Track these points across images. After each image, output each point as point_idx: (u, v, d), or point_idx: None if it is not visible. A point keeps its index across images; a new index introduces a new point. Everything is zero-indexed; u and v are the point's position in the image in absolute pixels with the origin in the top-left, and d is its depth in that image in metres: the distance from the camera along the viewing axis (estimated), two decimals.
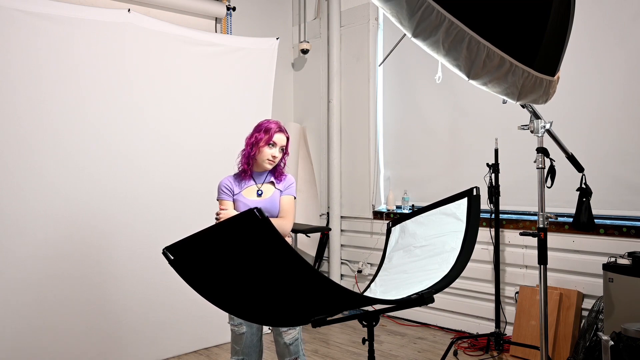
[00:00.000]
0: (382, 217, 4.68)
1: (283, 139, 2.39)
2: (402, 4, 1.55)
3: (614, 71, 3.38)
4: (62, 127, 3.13)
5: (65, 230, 3.16)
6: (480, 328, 3.93)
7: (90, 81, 3.22)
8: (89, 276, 3.26)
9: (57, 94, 3.10)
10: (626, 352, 2.43)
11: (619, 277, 2.94)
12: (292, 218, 2.42)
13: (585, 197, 2.71)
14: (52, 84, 3.08)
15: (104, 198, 3.31)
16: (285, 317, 1.76)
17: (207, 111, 3.78)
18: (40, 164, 3.05)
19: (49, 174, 3.09)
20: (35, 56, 3.01)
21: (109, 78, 3.29)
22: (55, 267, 3.12)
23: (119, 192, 3.36)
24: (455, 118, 4.24)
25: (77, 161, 3.19)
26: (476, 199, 2.15)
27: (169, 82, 3.58)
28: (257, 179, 2.41)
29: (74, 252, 3.20)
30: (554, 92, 2.20)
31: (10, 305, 2.97)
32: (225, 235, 1.40)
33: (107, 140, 3.31)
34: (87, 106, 3.22)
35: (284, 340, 2.37)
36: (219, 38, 4.03)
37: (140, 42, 3.42)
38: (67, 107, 3.14)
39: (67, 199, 3.16)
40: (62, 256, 3.15)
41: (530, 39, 1.93)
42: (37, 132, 3.04)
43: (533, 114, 2.48)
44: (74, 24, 3.13)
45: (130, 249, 3.41)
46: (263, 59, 4.04)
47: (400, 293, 1.87)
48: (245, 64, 3.95)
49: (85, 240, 3.25)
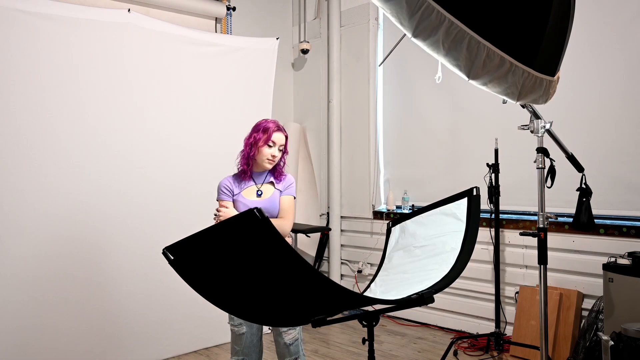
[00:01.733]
0: (382, 217, 4.68)
1: (282, 138, 2.39)
2: (402, 4, 1.55)
3: (614, 71, 3.38)
4: (61, 127, 3.12)
5: (65, 229, 3.16)
6: (480, 328, 3.93)
7: (89, 81, 3.22)
8: (89, 276, 3.26)
9: (57, 93, 3.10)
10: (626, 352, 2.43)
11: (619, 277, 2.94)
12: (292, 218, 2.42)
13: (585, 197, 2.71)
14: (52, 84, 3.08)
15: (103, 198, 3.31)
16: (285, 317, 1.76)
17: (207, 111, 3.78)
18: (40, 163, 3.05)
19: (49, 174, 3.08)
20: (35, 56, 3.01)
21: (109, 78, 3.29)
22: (55, 267, 3.12)
23: (118, 192, 3.36)
24: (455, 118, 4.24)
25: (77, 161, 3.19)
26: (476, 199, 2.15)
27: (169, 82, 3.58)
28: (257, 179, 2.41)
29: (73, 251, 3.20)
30: (554, 92, 2.21)
31: (10, 304, 2.97)
32: (225, 235, 1.40)
33: (106, 140, 3.31)
34: (87, 106, 3.22)
35: (284, 340, 2.37)
36: (219, 38, 4.03)
37: (140, 42, 3.42)
38: (67, 107, 3.14)
39: (67, 199, 3.16)
40: (62, 255, 3.14)
41: (530, 39, 1.93)
42: (37, 131, 3.03)
43: (533, 114, 2.48)
44: (74, 23, 3.13)
45: (130, 248, 3.41)
46: (263, 59, 4.04)
47: (400, 293, 1.87)
48: (245, 64, 3.94)
49: (86, 239, 3.25)
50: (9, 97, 2.93)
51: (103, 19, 3.23)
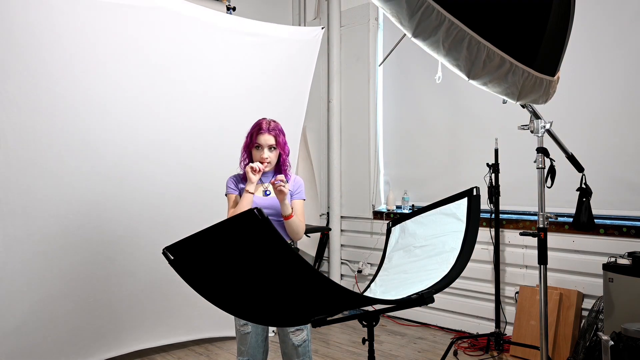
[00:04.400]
0: (382, 217, 4.68)
1: (269, 139, 2.31)
2: (402, 4, 1.56)
3: (614, 71, 3.38)
4: (84, 123, 2.98)
5: (75, 228, 3.07)
6: (480, 328, 3.93)
7: (116, 71, 3.02)
8: (105, 274, 3.22)
9: (82, 88, 2.91)
10: (626, 352, 2.43)
11: (619, 277, 2.94)
12: (304, 220, 2.40)
13: (585, 197, 2.71)
14: (75, 77, 2.89)
15: (123, 196, 3.20)
16: (285, 317, 1.76)
17: (244, 105, 3.54)
18: (55, 162, 2.93)
19: (64, 173, 2.98)
20: (59, 45, 2.81)
21: (137, 67, 3.09)
22: (63, 263, 3.05)
23: (149, 191, 3.26)
24: (455, 118, 4.24)
25: (97, 159, 3.06)
26: (476, 199, 2.15)
27: (199, 73, 3.36)
28: (264, 178, 2.38)
29: (85, 250, 3.13)
30: (554, 92, 2.21)
31: (20, 300, 2.92)
32: (226, 235, 1.40)
33: (130, 135, 3.16)
34: (114, 99, 3.05)
35: (292, 341, 2.31)
36: (263, 28, 3.66)
37: (173, 29, 3.18)
38: (93, 101, 2.97)
39: (81, 198, 3.06)
40: (74, 254, 3.08)
41: (530, 39, 1.93)
42: (52, 129, 2.89)
43: (533, 114, 2.48)
44: (106, 8, 2.93)
45: (150, 248, 3.32)
46: (306, 50, 3.79)
47: (400, 293, 1.87)
48: (287, 56, 3.70)
49: (99, 238, 3.18)
50: (22, 95, 2.78)
51: (134, 3, 3.02)
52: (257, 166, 2.25)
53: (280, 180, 2.19)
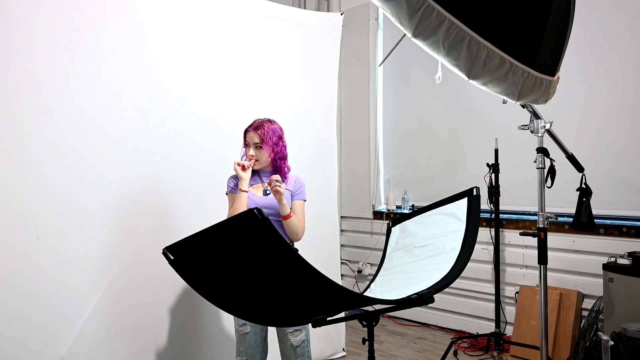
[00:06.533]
0: (382, 217, 4.68)
1: (253, 137, 2.29)
2: (402, 4, 1.56)
3: (614, 71, 3.38)
4: (119, 121, 2.66)
5: (119, 228, 2.69)
6: (480, 328, 3.93)
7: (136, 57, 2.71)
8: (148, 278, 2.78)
9: (110, 83, 2.61)
10: (626, 352, 2.43)
11: (619, 277, 2.94)
12: (305, 221, 2.39)
13: (585, 197, 2.71)
14: (100, 67, 2.58)
15: (162, 189, 2.83)
16: (285, 317, 1.76)
17: (271, 93, 3.30)
18: (93, 163, 2.58)
19: (101, 172, 2.62)
20: (77, 40, 2.51)
21: (157, 50, 2.79)
22: (108, 267, 2.64)
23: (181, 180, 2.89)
24: (455, 118, 4.24)
25: (134, 156, 2.72)
26: (476, 199, 2.15)
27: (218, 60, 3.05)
28: (264, 177, 2.38)
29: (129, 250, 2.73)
30: (554, 92, 2.21)
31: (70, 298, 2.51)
32: (226, 235, 1.40)
33: (154, 130, 2.80)
34: (146, 94, 2.75)
35: (291, 342, 2.31)
36: (283, 11, 3.42)
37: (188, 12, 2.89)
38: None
39: (121, 196, 2.69)
40: (115, 254, 2.67)
41: (530, 39, 1.93)
42: (91, 127, 2.57)
43: (533, 114, 2.48)
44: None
45: None
46: (327, 36, 3.60)
47: (400, 293, 1.87)
48: (308, 42, 3.49)
49: (144, 238, 2.76)
50: (50, 96, 2.44)
51: None
52: (242, 162, 2.27)
53: (275, 180, 2.19)
